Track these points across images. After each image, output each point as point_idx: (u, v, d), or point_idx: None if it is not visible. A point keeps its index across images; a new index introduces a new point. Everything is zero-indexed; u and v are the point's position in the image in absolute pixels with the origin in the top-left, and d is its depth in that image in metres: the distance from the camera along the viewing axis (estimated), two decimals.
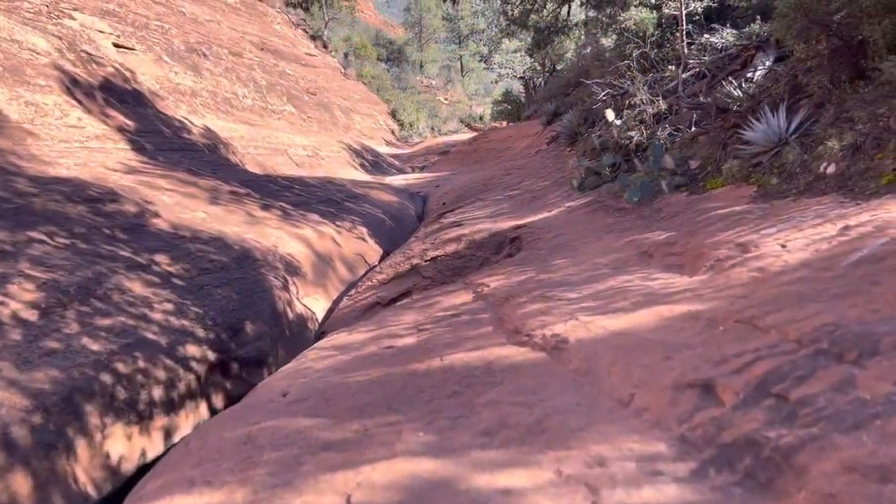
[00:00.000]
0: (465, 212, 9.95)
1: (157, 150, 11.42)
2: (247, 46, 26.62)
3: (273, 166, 15.97)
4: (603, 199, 7.31)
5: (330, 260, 9.31)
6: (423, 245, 8.59)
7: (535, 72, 31.47)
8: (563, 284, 4.46)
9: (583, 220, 6.83)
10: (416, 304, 5.39)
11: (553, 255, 5.57)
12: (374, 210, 12.58)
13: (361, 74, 43.16)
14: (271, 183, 11.89)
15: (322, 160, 20.73)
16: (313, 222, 10.15)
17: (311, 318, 7.82)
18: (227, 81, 20.07)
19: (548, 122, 21.22)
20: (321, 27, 42.81)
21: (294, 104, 25.59)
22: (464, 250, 7.72)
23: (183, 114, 14.43)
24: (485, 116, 44.21)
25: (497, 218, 8.68)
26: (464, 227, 8.61)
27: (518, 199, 9.62)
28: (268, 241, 8.47)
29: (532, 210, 8.57)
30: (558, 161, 11.55)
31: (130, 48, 15.11)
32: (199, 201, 9.15)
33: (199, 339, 5.79)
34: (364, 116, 36.66)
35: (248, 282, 7.16)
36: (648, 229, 5.44)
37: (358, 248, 10.30)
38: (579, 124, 11.70)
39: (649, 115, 7.75)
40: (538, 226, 7.25)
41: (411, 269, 7.97)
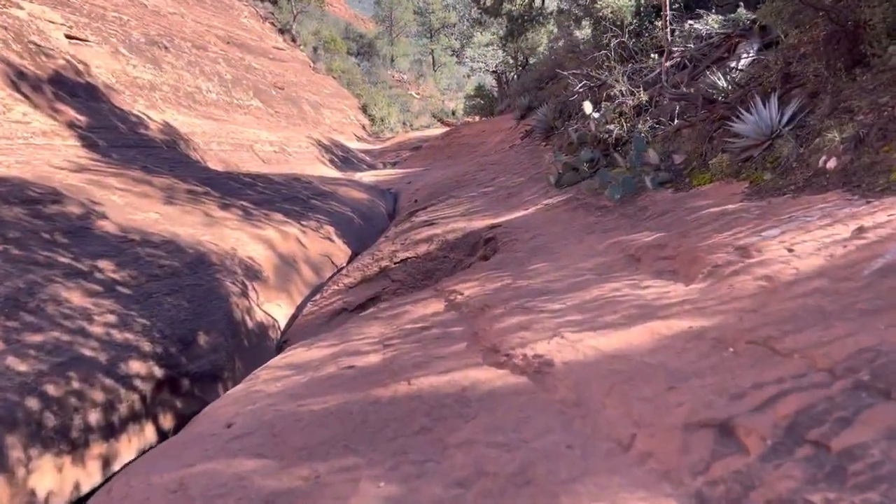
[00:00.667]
0: (438, 210, 9.49)
1: (111, 146, 10.77)
2: (212, 40, 25.82)
3: (237, 163, 15.34)
4: (582, 197, 6.90)
5: (294, 262, 8.79)
6: (393, 246, 8.11)
7: (508, 66, 31.09)
8: (545, 293, 4.03)
9: (562, 219, 6.41)
10: (383, 313, 4.92)
11: (532, 258, 5.14)
12: (343, 208, 12.06)
13: (331, 69, 42.37)
14: (233, 180, 11.31)
15: (289, 156, 20.10)
16: (277, 222, 9.61)
17: (272, 326, 7.31)
18: (189, 75, 19.32)
19: (521, 116, 20.85)
20: (290, 20, 41.92)
21: (261, 99, 24.87)
22: (436, 251, 7.27)
23: (141, 108, 13.74)
24: (457, 111, 43.71)
25: (471, 216, 8.24)
26: (436, 226, 8.16)
27: (493, 196, 9.19)
28: (226, 244, 7.92)
29: (508, 208, 8.14)
30: (533, 156, 11.14)
31: (84, 40, 14.36)
32: (152, 201, 8.56)
33: (144, 354, 5.26)
34: (334, 111, 35.95)
35: (202, 289, 6.62)
36: (634, 230, 5.04)
37: (324, 248, 9.79)
38: (555, 118, 11.30)
39: (629, 108, 7.37)
40: (514, 225, 6.82)
41: (380, 271, 7.50)
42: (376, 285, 7.31)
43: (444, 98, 51.57)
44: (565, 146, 9.03)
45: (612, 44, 8.54)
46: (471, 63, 32.62)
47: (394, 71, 51.63)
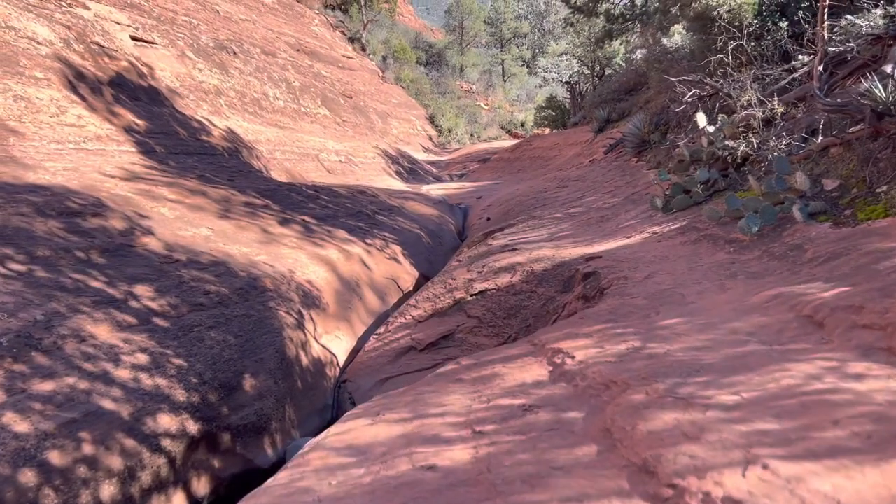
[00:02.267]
0: (517, 232, 8.42)
1: (169, 153, 10.16)
2: (281, 46, 25.57)
3: (301, 173, 14.66)
4: (703, 226, 5.72)
5: (357, 286, 7.87)
6: (468, 273, 7.09)
7: (583, 76, 29.84)
8: (698, 370, 2.91)
9: (682, 253, 5.25)
10: (467, 373, 3.88)
11: (658, 307, 4.01)
12: (410, 225, 11.13)
13: (400, 78, 41.94)
14: (295, 192, 10.53)
15: (355, 166, 19.41)
16: (339, 240, 8.74)
17: (330, 363, 6.38)
18: (257, 81, 18.89)
19: (599, 129, 19.65)
20: (359, 30, 41.78)
21: (329, 107, 24.39)
22: (520, 284, 6.21)
23: (204, 114, 13.20)
24: (527, 123, 42.61)
25: (559, 242, 7.14)
26: (518, 252, 7.09)
27: (582, 218, 8.07)
28: (283, 265, 7.06)
29: (603, 234, 7.01)
30: (625, 173, 9.95)
31: (150, 42, 13.96)
32: (205, 214, 7.80)
33: (177, 406, 4.37)
34: (401, 121, 35.38)
35: (251, 320, 5.74)
36: (796, 277, 3.85)
37: (390, 270, 8.86)
38: (650, 130, 10.09)
39: (758, 120, 6.15)
40: (618, 257, 5.69)
41: (454, 304, 6.48)
42: (450, 321, 6.30)
43: (513, 109, 50.46)
44: (673, 164, 7.83)
45: (730, 47, 7.31)
46: (543, 73, 31.48)
47: (463, 81, 50.89)
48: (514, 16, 49.58)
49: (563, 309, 5.42)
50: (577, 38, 27.67)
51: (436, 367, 5.91)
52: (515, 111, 49.46)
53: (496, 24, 50.37)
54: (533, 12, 50.87)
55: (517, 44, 48.54)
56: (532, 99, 47.19)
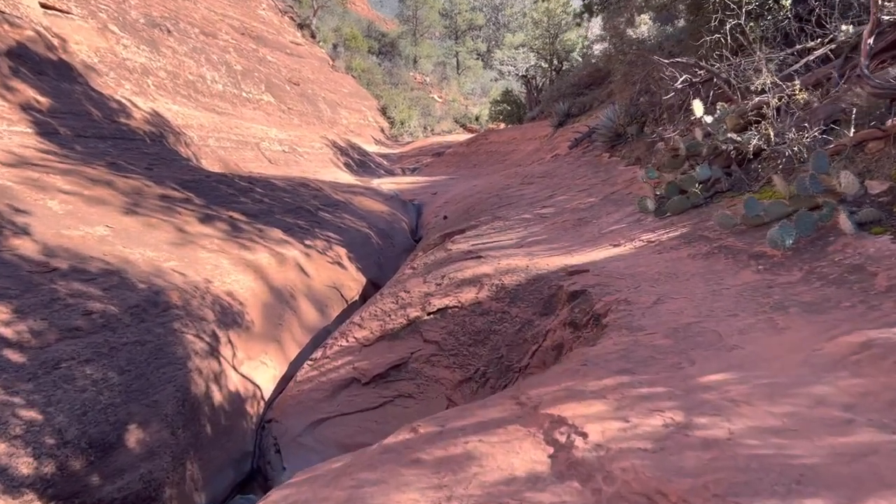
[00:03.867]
0: (481, 235, 7.30)
1: (77, 136, 8.69)
2: (223, 28, 23.86)
3: (238, 162, 13.24)
4: (712, 235, 4.70)
5: (291, 297, 6.63)
6: (425, 285, 5.93)
7: (540, 70, 28.94)
8: (797, 479, 1.84)
9: (693, 269, 4.20)
10: (426, 448, 2.71)
11: (686, 349, 2.94)
12: (358, 223, 9.90)
13: (351, 67, 40.36)
14: (224, 184, 9.17)
15: (300, 157, 18.00)
16: (273, 241, 7.46)
17: (252, 398, 5.15)
18: (193, 63, 17.28)
19: (559, 123, 18.75)
20: (309, 15, 40.02)
21: (273, 94, 22.83)
22: (489, 302, 5.09)
23: (126, 94, 11.67)
24: (482, 117, 41.56)
25: (532, 249, 6.05)
26: (484, 260, 5.97)
27: (556, 220, 6.99)
28: (198, 274, 5.78)
29: (584, 240, 5.94)
30: (597, 170, 8.93)
31: (65, 11, 12.31)
32: (106, 209, 6.43)
33: (15, 483, 3.11)
34: (352, 111, 33.91)
35: (147, 348, 4.46)
36: (878, 313, 2.83)
37: (333, 277, 7.63)
38: (625, 123, 9.10)
39: (772, 108, 5.16)
40: (610, 271, 4.62)
41: (407, 324, 5.32)
42: (402, 346, 5.14)
43: (467, 103, 49.31)
44: (658, 159, 6.83)
45: (728, 26, 6.32)
46: (499, 66, 30.44)
47: (416, 72, 49.44)
48: (469, 7, 48.47)
49: (545, 338, 4.32)
50: (535, 29, 26.73)
51: (384, 405, 4.76)
52: (470, 105, 48.33)
53: (451, 15, 49.17)
54: (488, 5, 49.90)
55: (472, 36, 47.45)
56: (487, 93, 46.15)
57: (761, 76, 5.50)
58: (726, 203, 5.39)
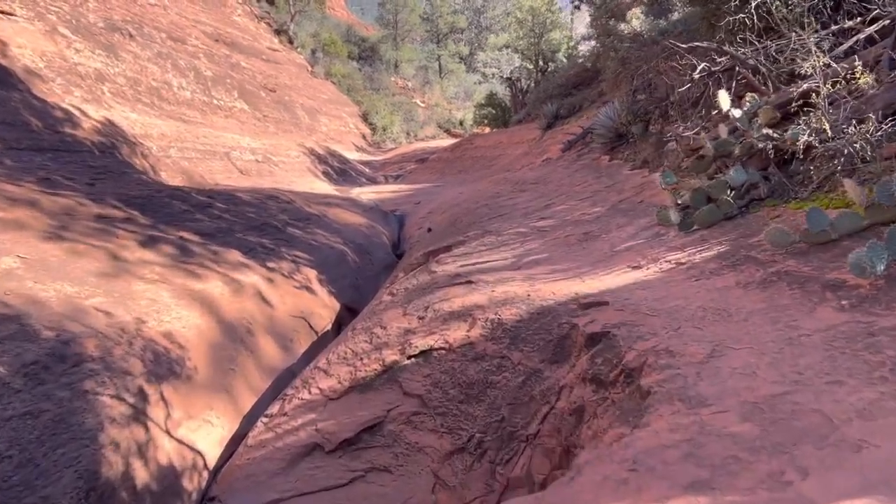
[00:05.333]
0: (471, 253, 6.31)
1: (8, 148, 7.65)
2: (193, 33, 22.79)
3: (204, 174, 12.18)
4: (763, 256, 3.73)
5: (248, 333, 5.60)
6: (405, 318, 4.94)
7: (525, 72, 28.07)
8: None
9: (748, 304, 3.23)
10: None
11: (783, 444, 1.97)
12: (332, 239, 8.88)
13: (330, 73, 39.32)
14: (179, 199, 8.13)
15: (275, 167, 16.96)
16: (229, 265, 6.44)
17: (191, 470, 4.12)
18: (157, 68, 16.21)
19: (548, 125, 17.87)
20: (286, 21, 38.98)
21: (247, 101, 21.78)
22: (483, 342, 4.10)
23: (75, 102, 10.60)
24: (466, 121, 40.66)
25: (532, 272, 5.07)
26: (476, 287, 4.98)
27: (557, 235, 6.01)
28: (128, 312, 4.75)
29: (594, 260, 4.97)
30: (599, 175, 7.98)
31: (7, 13, 11.22)
32: (21, 235, 5.37)
33: None
34: (332, 118, 32.87)
35: (40, 421, 3.42)
36: None
37: (300, 304, 6.61)
38: (628, 121, 8.17)
39: (823, 97, 4.23)
40: (636, 303, 3.65)
41: (383, 371, 4.31)
42: (377, 400, 4.13)
43: (451, 107, 48.33)
44: (677, 161, 5.89)
45: (753, 3, 5.39)
46: (483, 67, 29.52)
47: (398, 77, 48.41)
48: (450, 10, 47.57)
49: (559, 396, 3.34)
50: (519, 29, 25.86)
51: (353, 482, 3.74)
52: (454, 109, 47.35)
53: (432, 18, 48.23)
54: (470, 7, 49.05)
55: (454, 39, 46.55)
56: (471, 96, 45.23)
57: (809, 59, 4.57)
58: (767, 213, 4.45)
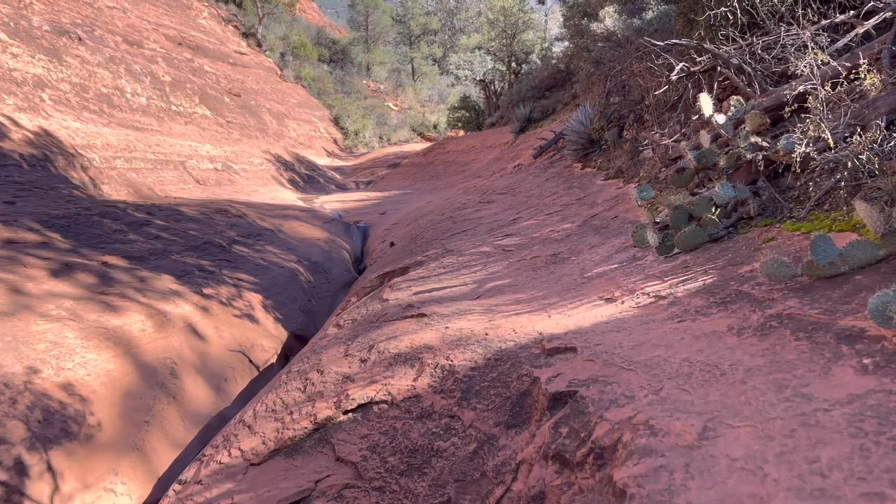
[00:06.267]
0: (427, 277, 5.66)
1: None
2: (153, 37, 21.88)
3: (154, 185, 11.40)
4: (759, 292, 3.13)
5: (172, 375, 4.90)
6: (346, 360, 4.28)
7: (498, 74, 27.54)
8: None
9: (748, 361, 2.62)
10: None
11: None
12: (283, 257, 8.17)
13: (300, 76, 38.47)
14: (112, 217, 7.38)
15: (236, 175, 16.18)
16: (158, 294, 5.72)
17: None
18: (108, 74, 15.35)
19: (521, 129, 17.34)
20: (255, 24, 38.09)
21: (210, 106, 20.94)
22: (431, 396, 3.45)
23: (6, 111, 9.77)
24: (440, 125, 40.06)
25: (494, 302, 4.45)
26: (429, 321, 4.34)
27: (523, 256, 5.38)
28: (19, 361, 4.03)
29: (563, 288, 4.36)
30: (570, 185, 7.38)
31: None
32: None
33: None
34: (301, 123, 32.04)
35: None
36: None
37: (240, 336, 5.91)
38: (601, 127, 7.58)
39: (821, 100, 3.65)
40: (610, 351, 3.03)
41: (315, 430, 3.65)
42: (304, 468, 3.46)
43: (424, 110, 47.63)
44: (654, 171, 5.30)
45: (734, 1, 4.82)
46: (455, 69, 28.92)
47: (370, 80, 47.60)
48: (423, 12, 46.91)
49: (516, 475, 2.70)
50: (491, 30, 25.30)
51: None
52: (427, 112, 46.65)
53: (404, 20, 47.54)
54: (443, 9, 48.46)
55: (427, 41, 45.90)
56: (444, 99, 44.62)
57: (805, 56, 3.99)
58: (758, 234, 3.86)
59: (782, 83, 4.50)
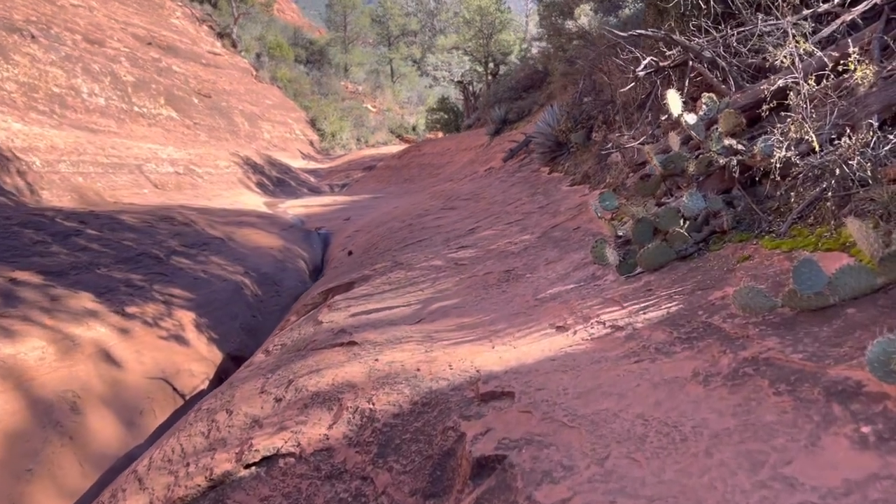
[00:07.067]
0: (370, 295, 5.09)
1: None
2: (116, 35, 21.13)
3: (102, 191, 10.73)
4: (731, 326, 2.59)
5: (72, 412, 4.29)
6: (261, 398, 3.70)
7: (476, 75, 27.04)
8: None
9: (716, 422, 2.08)
10: None
11: None
12: (229, 269, 7.57)
13: (276, 77, 37.75)
14: (34, 227, 6.74)
15: (199, 178, 15.51)
16: (69, 315, 5.11)
17: None
18: (62, 73, 14.64)
19: (496, 131, 16.85)
20: (230, 24, 37.33)
21: (176, 107, 20.23)
22: (345, 449, 2.89)
23: None
24: (418, 126, 39.50)
25: (435, 327, 3.90)
26: (358, 351, 3.78)
27: (476, 271, 4.83)
28: None
29: (513, 311, 3.82)
30: (535, 190, 6.85)
31: None
32: None
33: None
34: (276, 125, 31.34)
35: None
36: None
37: (164, 361, 5.31)
38: (567, 129, 7.06)
39: (804, 96, 3.14)
40: (552, 400, 2.48)
41: (210, 488, 3.06)
42: None
43: (403, 112, 47.01)
44: (620, 177, 4.79)
45: None
46: (433, 71, 28.39)
47: (347, 81, 46.88)
48: (402, 13, 46.30)
49: None
50: (467, 30, 24.79)
51: None
52: (406, 114, 46.03)
53: (383, 20, 46.90)
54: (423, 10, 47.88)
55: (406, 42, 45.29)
56: (423, 101, 44.07)
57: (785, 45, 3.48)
58: (732, 251, 3.33)
59: (760, 78, 3.99)
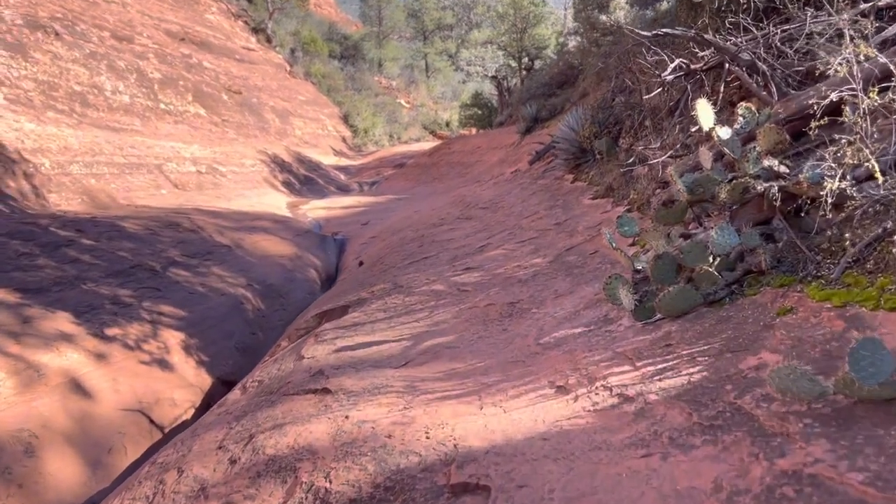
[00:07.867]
0: (363, 325, 4.59)
1: None
2: (147, 32, 21.03)
3: (116, 193, 10.46)
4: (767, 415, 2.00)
5: (24, 455, 3.88)
6: (216, 456, 3.22)
7: (510, 69, 26.34)
8: None
9: None
10: None
11: None
12: (230, 280, 7.15)
13: (309, 73, 37.56)
14: (23, 237, 6.40)
15: (222, 178, 15.23)
16: (38, 340, 4.72)
17: None
18: (85, 70, 14.48)
19: (527, 129, 16.20)
20: (265, 19, 37.25)
21: (204, 104, 20.05)
22: None
23: None
24: (452, 122, 38.90)
25: (421, 373, 3.38)
26: (330, 405, 3.27)
27: (477, 302, 4.28)
28: None
29: (510, 359, 3.28)
30: (554, 201, 6.26)
31: None
32: None
33: None
34: (308, 121, 31.10)
35: None
36: None
37: (141, 389, 4.89)
38: (592, 134, 6.46)
39: (863, 112, 2.52)
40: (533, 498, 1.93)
41: None
42: None
43: (437, 107, 46.45)
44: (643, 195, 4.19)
45: None
46: (466, 66, 27.77)
47: (381, 76, 46.53)
48: (437, 6, 45.70)
49: None
50: (501, 24, 24.11)
51: None
52: (440, 109, 45.45)
53: (418, 14, 46.40)
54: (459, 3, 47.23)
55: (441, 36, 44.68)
56: (458, 96, 43.49)
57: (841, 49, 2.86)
58: (771, 298, 2.72)
59: (808, 85, 3.35)
